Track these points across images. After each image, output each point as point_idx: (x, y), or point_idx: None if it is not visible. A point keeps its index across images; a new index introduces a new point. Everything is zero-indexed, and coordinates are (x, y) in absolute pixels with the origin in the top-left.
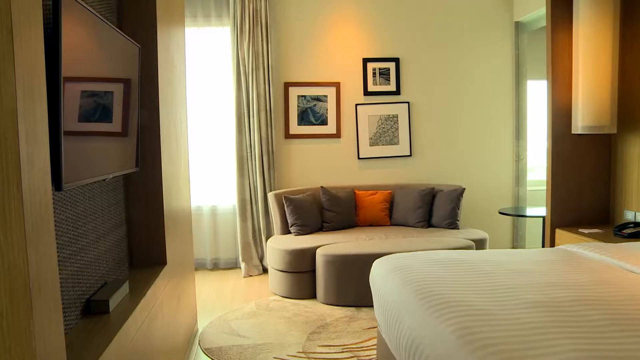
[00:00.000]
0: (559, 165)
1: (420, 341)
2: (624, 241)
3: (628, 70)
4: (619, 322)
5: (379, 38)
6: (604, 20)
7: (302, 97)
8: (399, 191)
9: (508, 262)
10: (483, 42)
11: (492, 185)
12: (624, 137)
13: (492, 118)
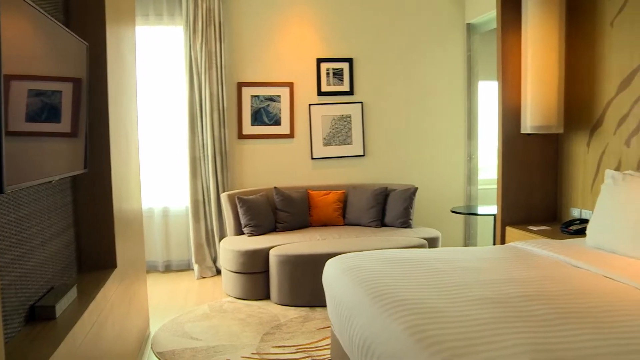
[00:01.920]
0: (508, 164)
1: (373, 340)
2: (571, 238)
3: (573, 72)
4: (564, 315)
5: (332, 38)
6: (550, 25)
7: (256, 97)
8: (353, 191)
9: (459, 260)
10: (435, 43)
11: (444, 185)
12: (570, 136)
13: (444, 118)
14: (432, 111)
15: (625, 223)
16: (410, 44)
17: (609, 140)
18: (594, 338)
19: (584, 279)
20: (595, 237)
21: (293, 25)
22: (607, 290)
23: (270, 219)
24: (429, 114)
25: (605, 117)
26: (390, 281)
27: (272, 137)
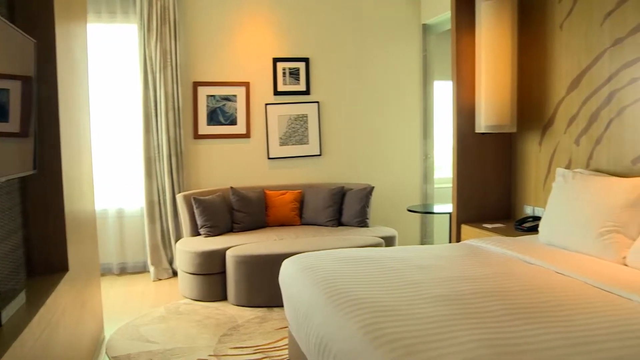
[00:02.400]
0: (463, 163)
1: (329, 339)
2: (524, 234)
3: (526, 73)
4: (516, 311)
5: (289, 38)
6: (503, 27)
7: (211, 96)
8: (309, 190)
9: (414, 258)
10: (392, 43)
11: (400, 184)
12: (523, 136)
13: (400, 117)
14: (388, 110)
15: (575, 220)
16: (367, 43)
17: (560, 139)
18: (544, 332)
19: (536, 274)
20: (547, 233)
21: (249, 25)
22: (558, 285)
23: (227, 220)
24: (385, 113)
25: (556, 117)
26: (347, 280)
27: (228, 137)
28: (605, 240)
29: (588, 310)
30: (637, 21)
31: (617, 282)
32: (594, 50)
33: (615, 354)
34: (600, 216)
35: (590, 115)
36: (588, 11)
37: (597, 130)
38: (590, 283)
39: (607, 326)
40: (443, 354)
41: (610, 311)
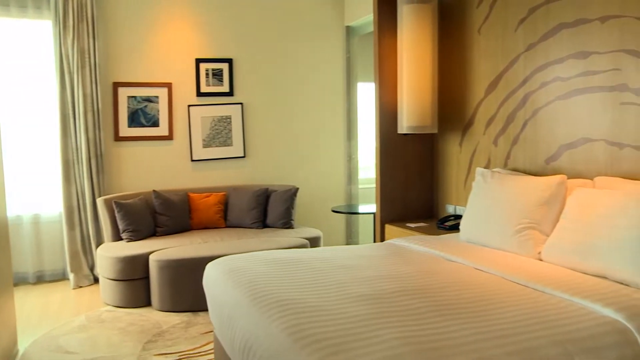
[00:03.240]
0: (386, 163)
1: (254, 341)
2: (446, 233)
3: (446, 75)
4: (438, 308)
5: (212, 38)
6: (424, 30)
7: (132, 97)
8: (234, 193)
9: (338, 259)
10: (315, 45)
11: (325, 185)
12: (444, 136)
13: (324, 119)
14: (312, 112)
15: (493, 218)
16: (291, 45)
17: (480, 140)
18: (464, 327)
19: (457, 272)
20: (468, 231)
21: (171, 24)
22: (477, 281)
23: (150, 224)
24: (310, 114)
25: (476, 118)
26: (271, 282)
27: (151, 139)
28: (521, 237)
29: (505, 304)
30: (546, 28)
31: (532, 277)
32: (510, 54)
33: (530, 344)
34: (516, 214)
35: (507, 117)
36: (503, 17)
37: (513, 131)
38: (508, 278)
39: (522, 318)
40: (366, 353)
41: (526, 304)
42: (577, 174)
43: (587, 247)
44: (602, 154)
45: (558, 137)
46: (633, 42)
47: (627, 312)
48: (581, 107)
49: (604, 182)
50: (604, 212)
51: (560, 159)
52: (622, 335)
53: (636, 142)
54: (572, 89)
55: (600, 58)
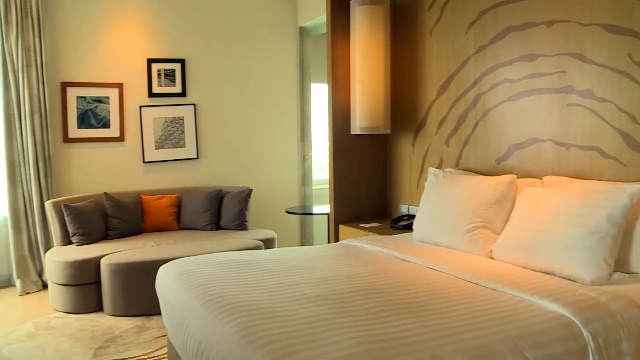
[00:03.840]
0: (340, 164)
1: (206, 344)
2: (399, 233)
3: (399, 77)
4: (392, 307)
5: (164, 38)
6: (377, 31)
7: (82, 98)
8: (187, 194)
9: (292, 260)
10: (269, 46)
11: (279, 186)
12: (397, 137)
13: (278, 119)
14: (266, 113)
15: (445, 217)
16: (244, 45)
17: (432, 140)
18: (417, 325)
19: (410, 271)
20: (421, 231)
21: (121, 24)
22: (430, 280)
23: (101, 227)
24: (263, 115)
25: (428, 118)
26: (224, 284)
27: (101, 140)
28: (473, 236)
29: (457, 302)
30: (496, 31)
31: (483, 275)
32: (461, 56)
33: (481, 341)
34: (468, 213)
35: (458, 117)
36: (454, 20)
37: (465, 131)
38: (460, 276)
39: (474, 316)
40: (320, 354)
41: (478, 302)
42: (526, 173)
43: (535, 245)
44: (550, 154)
45: (508, 137)
46: (577, 45)
47: (573, 307)
48: (530, 108)
49: (552, 181)
50: (552, 211)
51: (511, 158)
52: (568, 329)
53: (582, 142)
54: (521, 90)
55: (547, 60)
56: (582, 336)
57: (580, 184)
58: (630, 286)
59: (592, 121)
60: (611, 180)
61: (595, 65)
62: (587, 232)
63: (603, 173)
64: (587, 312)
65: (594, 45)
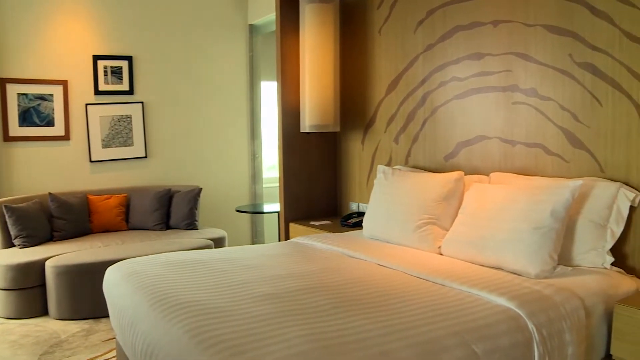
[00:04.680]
0: (290, 162)
1: (155, 345)
2: (349, 230)
3: (348, 75)
4: (342, 304)
5: (110, 35)
6: (326, 29)
7: (24, 95)
8: (135, 194)
9: (242, 259)
10: (218, 43)
11: (229, 184)
12: (346, 135)
13: (227, 118)
14: (215, 111)
15: (394, 214)
16: (193, 43)
17: (381, 138)
18: (366, 322)
19: (360, 268)
20: (370, 228)
21: (66, 18)
22: (380, 277)
23: (46, 228)
24: (213, 113)
25: (377, 116)
26: (172, 284)
27: (45, 139)
28: (422, 232)
29: (407, 298)
30: (444, 30)
31: (432, 270)
32: (409, 54)
33: (430, 336)
34: (417, 209)
35: (407, 115)
36: (403, 19)
37: (413, 129)
38: (409, 273)
39: (423, 311)
40: (269, 352)
41: (427, 297)
42: (474, 170)
43: (483, 240)
44: (496, 151)
45: (456, 134)
46: (521, 45)
47: (518, 300)
48: (477, 106)
49: (498, 177)
50: (498, 207)
51: (458, 155)
52: (514, 322)
53: (527, 139)
54: (468, 88)
55: (493, 60)
56: (527, 328)
57: (525, 180)
58: (572, 279)
59: (537, 119)
60: (554, 176)
61: (538, 64)
62: (532, 227)
63: (547, 169)
64: (532, 305)
65: (538, 45)
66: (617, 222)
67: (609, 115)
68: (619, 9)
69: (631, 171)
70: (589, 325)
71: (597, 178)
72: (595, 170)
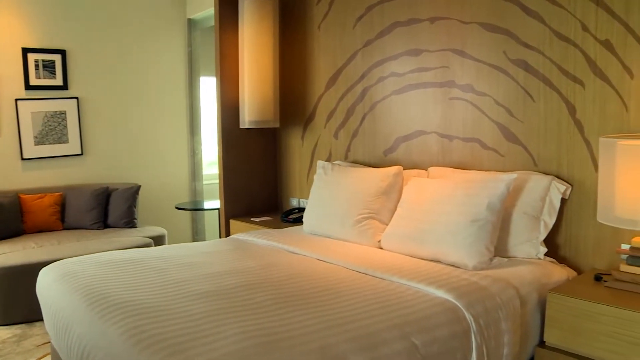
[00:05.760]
0: (229, 158)
1: (92, 348)
2: (290, 226)
3: (288, 70)
4: (281, 300)
5: (42, 27)
6: (265, 25)
7: None
8: (71, 193)
9: (181, 256)
10: (156, 38)
11: (169, 181)
12: (286, 130)
13: (166, 114)
14: (154, 107)
15: (334, 209)
16: (130, 37)
17: (321, 133)
18: (307, 317)
19: (300, 264)
20: (311, 223)
21: None
22: (320, 272)
23: None
24: (151, 109)
25: (317, 112)
26: (110, 284)
27: None
28: (362, 227)
29: (347, 292)
30: (382, 26)
31: (372, 264)
32: (349, 50)
33: (369, 330)
34: (356, 204)
35: (347, 111)
36: (342, 14)
37: (353, 124)
38: (349, 267)
39: (362, 305)
40: (209, 350)
41: (366, 291)
42: (413, 164)
43: (421, 234)
44: (435, 146)
45: (395, 129)
46: (457, 42)
47: (456, 292)
48: (415, 102)
49: (436, 172)
50: (436, 200)
51: (397, 150)
52: (452, 313)
53: (464, 134)
54: (407, 84)
55: (431, 56)
56: (465, 319)
57: (462, 174)
58: (508, 269)
59: (473, 114)
60: (490, 170)
61: (474, 61)
62: (469, 220)
63: (483, 163)
64: (470, 296)
65: (474, 42)
66: (549, 214)
67: (541, 111)
68: (549, 10)
69: (562, 165)
70: (524, 313)
71: (531, 171)
72: (529, 164)
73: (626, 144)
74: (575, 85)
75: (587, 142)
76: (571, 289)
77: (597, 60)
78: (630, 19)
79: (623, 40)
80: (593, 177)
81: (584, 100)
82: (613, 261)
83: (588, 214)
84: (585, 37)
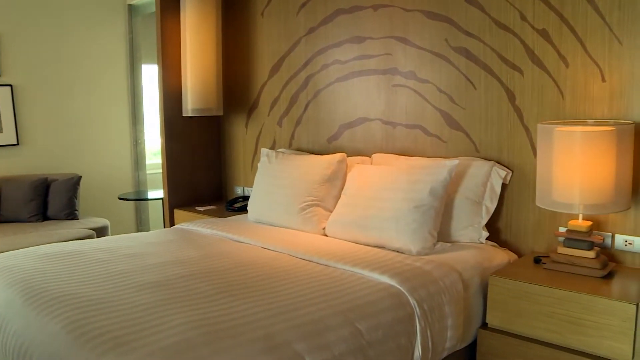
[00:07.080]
0: (172, 147)
1: (30, 344)
2: (235, 214)
3: (231, 58)
4: (226, 289)
5: None
6: (207, 11)
7: None
8: (7, 184)
9: (123, 247)
10: (94, 24)
11: (111, 171)
12: (230, 118)
13: (107, 102)
14: (94, 95)
15: (279, 197)
16: (68, 22)
17: (265, 121)
18: (252, 305)
19: (244, 252)
20: (255, 211)
21: None
22: (265, 260)
23: None
24: (91, 98)
25: (260, 100)
26: (48, 278)
27: None
28: (306, 214)
29: (292, 280)
30: (325, 14)
31: (317, 252)
32: (292, 37)
33: (314, 316)
34: (301, 192)
35: (290, 98)
36: (285, 1)
37: (297, 112)
38: (294, 255)
39: (307, 292)
40: (153, 341)
41: (311, 278)
42: (357, 151)
43: (365, 220)
44: (378, 132)
45: (338, 117)
46: (400, 29)
47: (400, 277)
48: (359, 89)
49: (380, 158)
50: (380, 187)
51: (341, 137)
52: (396, 298)
53: (407, 121)
54: (350, 71)
55: (374, 43)
56: (409, 304)
57: (406, 160)
58: (451, 254)
59: (416, 101)
60: (433, 156)
61: (417, 48)
62: (412, 206)
63: (426, 150)
64: (413, 281)
65: (416, 29)
66: (491, 199)
67: (482, 98)
68: None
69: (502, 150)
70: (467, 297)
71: (473, 157)
72: (471, 150)
73: (562, 130)
74: (515, 72)
75: (526, 128)
76: (512, 271)
77: (535, 49)
78: (565, 10)
79: (559, 30)
80: (532, 163)
81: (523, 88)
82: (551, 244)
83: (528, 199)
84: (524, 27)
